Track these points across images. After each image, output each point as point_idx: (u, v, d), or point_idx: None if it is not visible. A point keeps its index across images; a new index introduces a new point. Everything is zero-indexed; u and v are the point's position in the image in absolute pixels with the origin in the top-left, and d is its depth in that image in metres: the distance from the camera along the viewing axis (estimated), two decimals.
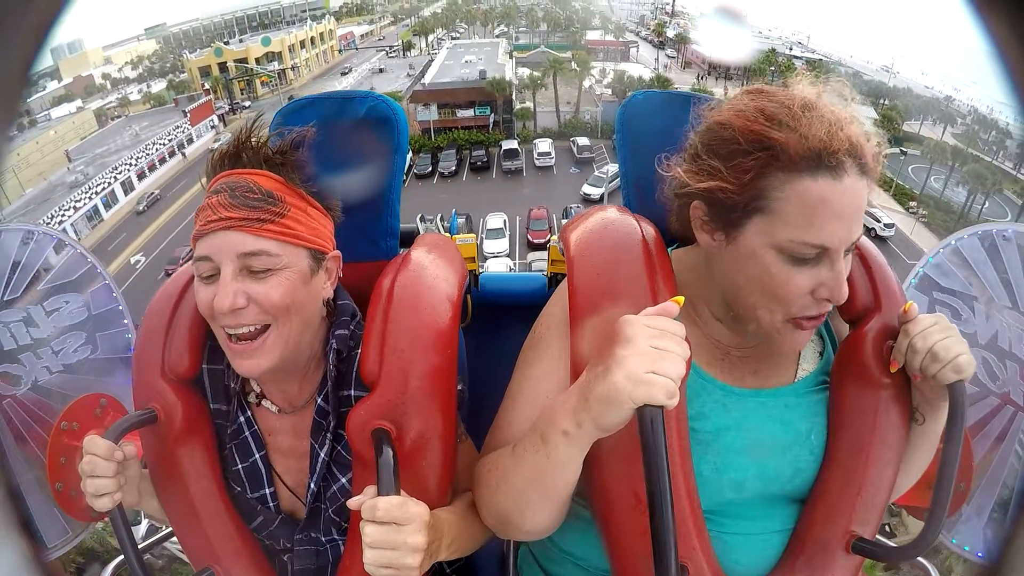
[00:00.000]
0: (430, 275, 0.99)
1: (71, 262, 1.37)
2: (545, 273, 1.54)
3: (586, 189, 26.97)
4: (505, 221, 24.94)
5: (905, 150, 30.29)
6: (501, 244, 23.65)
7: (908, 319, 0.84)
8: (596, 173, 28.06)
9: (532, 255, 22.64)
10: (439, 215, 19.08)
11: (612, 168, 26.33)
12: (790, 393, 0.90)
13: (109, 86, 42.72)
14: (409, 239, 1.15)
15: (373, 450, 0.82)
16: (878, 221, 24.98)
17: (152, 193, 33.03)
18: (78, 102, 39.07)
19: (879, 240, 24.49)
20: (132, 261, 26.54)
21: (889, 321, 0.88)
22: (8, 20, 0.43)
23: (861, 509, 0.86)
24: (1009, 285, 1.23)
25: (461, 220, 24.15)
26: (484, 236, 24.00)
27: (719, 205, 0.81)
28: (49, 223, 26.90)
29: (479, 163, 31.55)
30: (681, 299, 0.72)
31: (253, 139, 0.88)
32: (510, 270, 20.84)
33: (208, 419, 0.98)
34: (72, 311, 1.35)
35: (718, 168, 0.80)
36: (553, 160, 31.04)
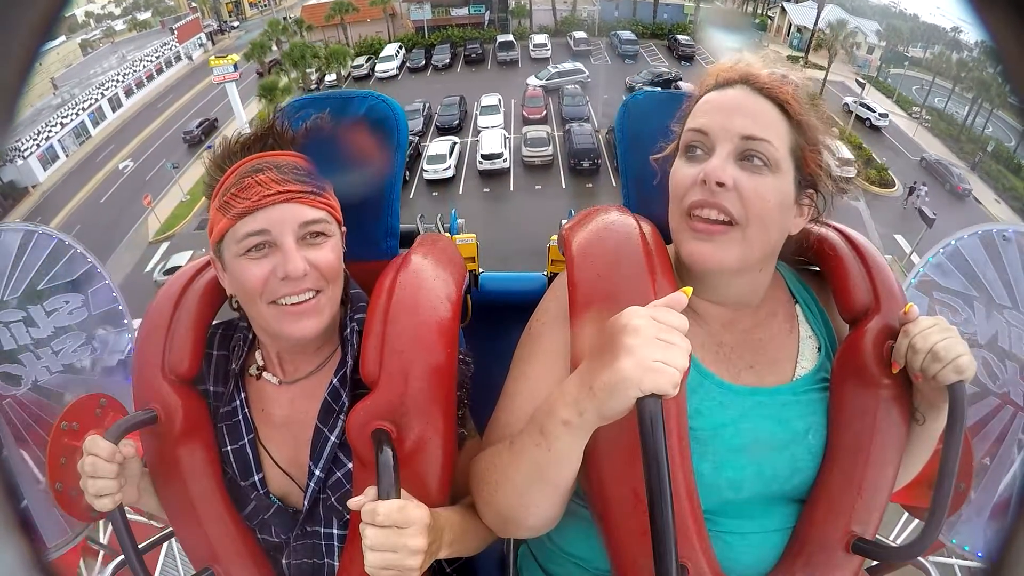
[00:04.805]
0: (430, 275, 0.99)
1: (71, 262, 1.37)
2: (545, 273, 1.54)
3: (529, 80, 27.13)
4: (500, 99, 25.32)
5: (908, 53, 30.07)
6: (496, 119, 24.17)
7: (908, 320, 0.84)
8: (546, 68, 28.25)
9: (527, 128, 23.62)
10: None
11: (568, 65, 27.28)
12: (787, 392, 0.90)
13: (92, 23, 40.44)
14: (409, 239, 1.15)
15: (373, 451, 0.82)
16: (872, 111, 25.06)
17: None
18: (62, 38, 36.51)
19: (874, 130, 24.86)
20: (120, 167, 26.37)
21: (889, 321, 0.88)
22: (8, 20, 0.43)
23: (861, 509, 0.86)
24: (1009, 285, 1.23)
25: (453, 99, 25.02)
26: (478, 112, 24.63)
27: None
28: (36, 139, 26.52)
29: (474, 55, 31.12)
30: (689, 290, 0.73)
31: (278, 125, 0.95)
32: (505, 139, 21.90)
33: (208, 419, 0.98)
34: (72, 311, 1.36)
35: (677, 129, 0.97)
36: (549, 52, 30.90)
